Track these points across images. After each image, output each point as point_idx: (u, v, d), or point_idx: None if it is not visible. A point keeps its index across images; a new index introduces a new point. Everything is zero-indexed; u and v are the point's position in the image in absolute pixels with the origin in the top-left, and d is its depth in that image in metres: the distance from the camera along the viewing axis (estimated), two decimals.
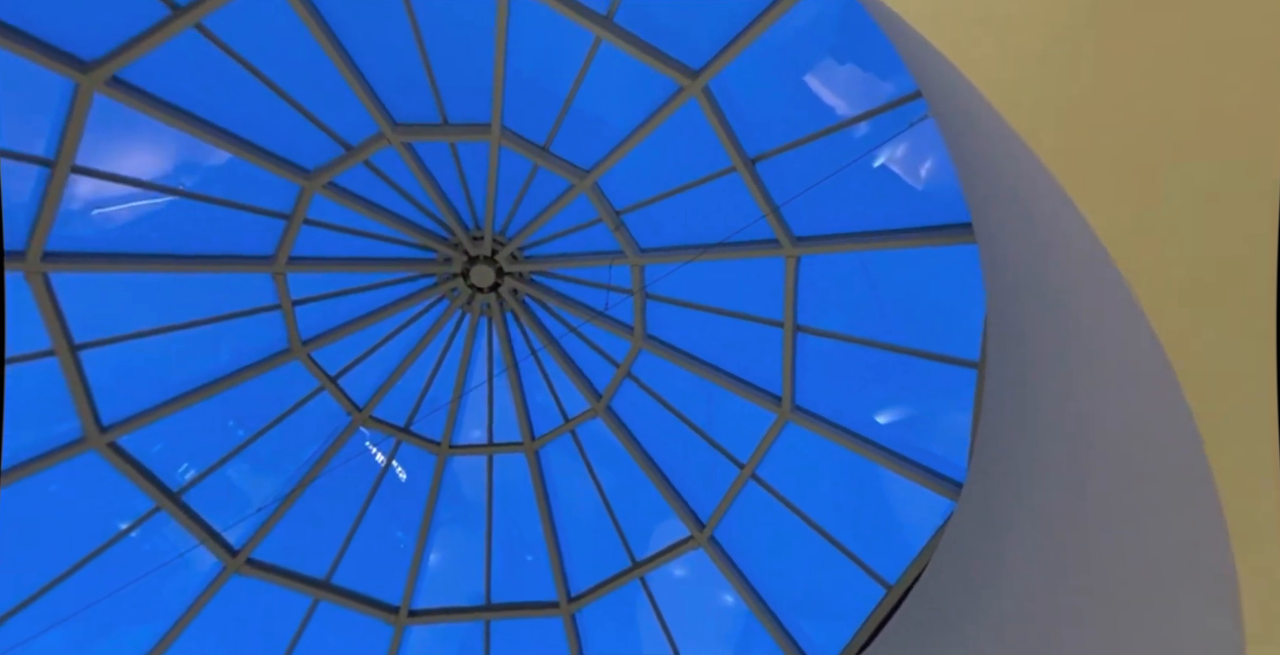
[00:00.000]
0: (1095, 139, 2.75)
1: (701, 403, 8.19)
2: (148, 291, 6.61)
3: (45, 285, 5.97)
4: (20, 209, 5.45)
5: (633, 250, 7.50)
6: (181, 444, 7.71)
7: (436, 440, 9.15)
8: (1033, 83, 2.90)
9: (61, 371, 6.44)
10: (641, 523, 9.10)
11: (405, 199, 7.41)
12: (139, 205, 5.98)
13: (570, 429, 8.97)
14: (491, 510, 9.43)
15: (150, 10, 4.97)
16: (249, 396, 7.97)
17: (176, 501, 7.72)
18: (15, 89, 5.07)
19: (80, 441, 6.91)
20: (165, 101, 5.56)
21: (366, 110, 6.31)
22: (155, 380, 7.21)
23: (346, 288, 7.85)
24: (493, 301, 8.45)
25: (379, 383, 8.76)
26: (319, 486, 8.77)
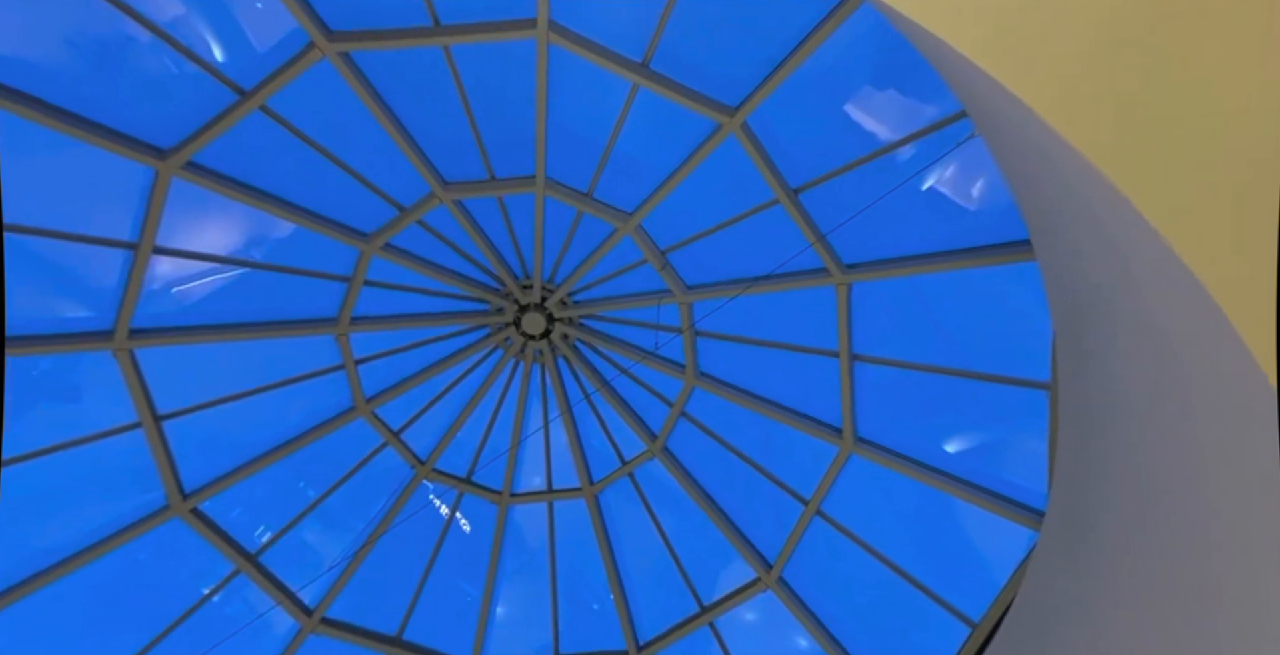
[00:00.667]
0: (1153, 144, 2.64)
1: (759, 439, 7.99)
2: (222, 359, 6.90)
3: (131, 361, 6.30)
4: (108, 292, 5.81)
5: (680, 288, 7.51)
6: (257, 506, 7.87)
7: (497, 489, 9.15)
8: (1084, 94, 2.82)
9: (147, 442, 6.72)
10: (707, 565, 8.82)
11: (457, 254, 7.64)
12: (213, 280, 6.31)
13: (628, 472, 8.85)
14: (555, 558, 9.28)
15: (219, 96, 5.36)
16: (317, 455, 8.13)
17: (254, 563, 7.84)
18: (101, 178, 5.46)
19: (165, 509, 7.13)
20: (234, 180, 5.92)
21: (418, 172, 6.58)
22: (231, 445, 7.44)
23: (405, 344, 8.05)
24: (545, 348, 8.53)
25: (439, 434, 8.86)
26: (387, 541, 8.80)
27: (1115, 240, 3.11)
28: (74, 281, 5.87)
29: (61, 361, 6.17)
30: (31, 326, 5.79)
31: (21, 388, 6.09)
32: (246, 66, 5.32)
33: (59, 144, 5.03)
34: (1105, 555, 4.08)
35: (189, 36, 5.00)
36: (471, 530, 9.08)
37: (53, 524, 6.82)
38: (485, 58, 5.55)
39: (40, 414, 6.29)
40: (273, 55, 5.30)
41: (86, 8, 4.49)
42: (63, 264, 5.70)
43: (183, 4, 4.80)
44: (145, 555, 7.20)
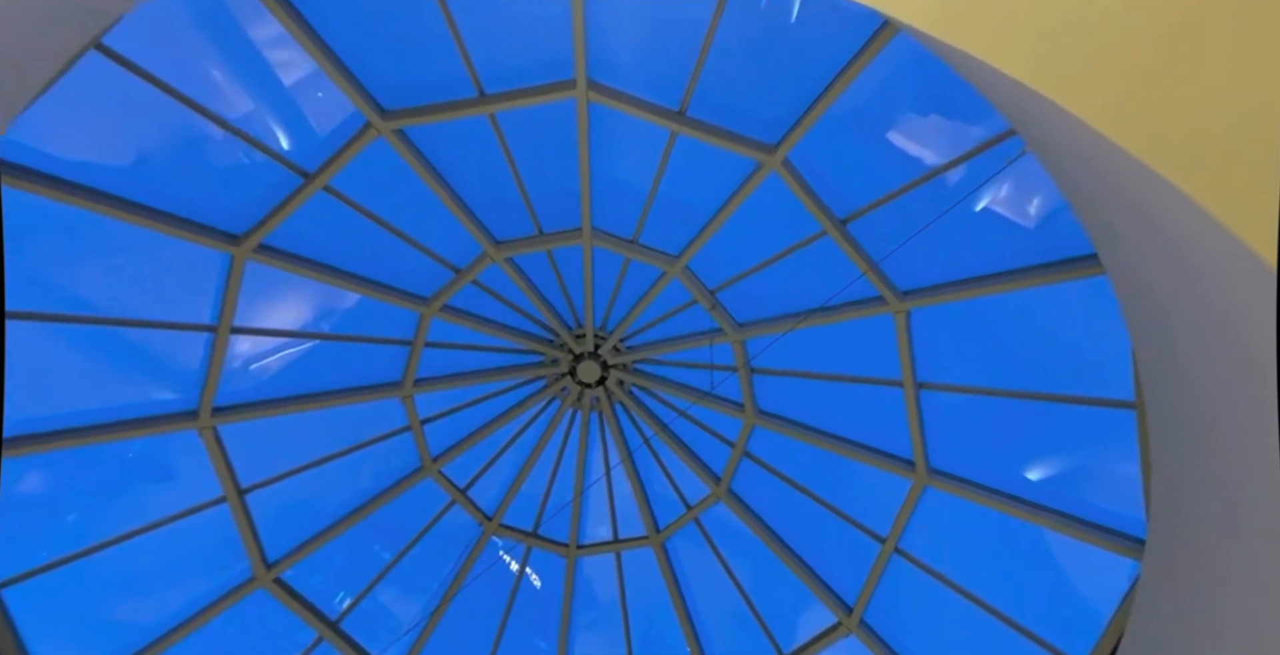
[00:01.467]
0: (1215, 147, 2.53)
1: (827, 476, 7.69)
2: (297, 428, 7.10)
3: (216, 439, 6.55)
4: (192, 373, 6.10)
5: (731, 327, 7.44)
6: (335, 572, 7.92)
7: (564, 542, 9.02)
8: (1138, 102, 2.74)
9: (232, 516, 6.90)
10: (784, 610, 8.40)
11: (511, 309, 7.79)
12: (287, 354, 6.57)
13: (694, 517, 8.62)
14: (627, 610, 9.01)
15: (286, 181, 5.70)
16: (390, 517, 8.18)
17: (336, 630, 7.84)
18: (182, 267, 5.80)
19: (251, 581, 7.24)
20: (302, 257, 6.22)
21: (470, 233, 6.79)
22: (309, 512, 7.55)
23: (466, 401, 8.16)
24: (601, 395, 8.51)
25: (504, 488, 8.85)
26: (461, 600, 8.71)
27: (1187, 246, 2.95)
28: (160, 366, 6.16)
29: (151, 444, 6.44)
30: (122, 412, 6.08)
31: (116, 472, 6.36)
32: (310, 151, 5.65)
33: (143, 237, 5.39)
34: (1215, 582, 3.72)
35: (258, 128, 5.36)
36: (542, 585, 8.93)
37: (148, 603, 6.98)
38: (528, 119, 5.77)
39: (135, 497, 6.53)
40: (333, 138, 5.63)
41: (166, 111, 4.87)
42: (150, 349, 6.01)
43: (251, 100, 5.17)
44: (234, 628, 7.29)
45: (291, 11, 4.88)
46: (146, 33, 4.35)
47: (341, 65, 5.26)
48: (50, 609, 6.10)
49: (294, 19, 4.89)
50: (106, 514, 6.36)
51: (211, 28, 4.79)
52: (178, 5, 4.50)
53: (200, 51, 4.77)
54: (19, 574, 5.73)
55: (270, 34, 4.87)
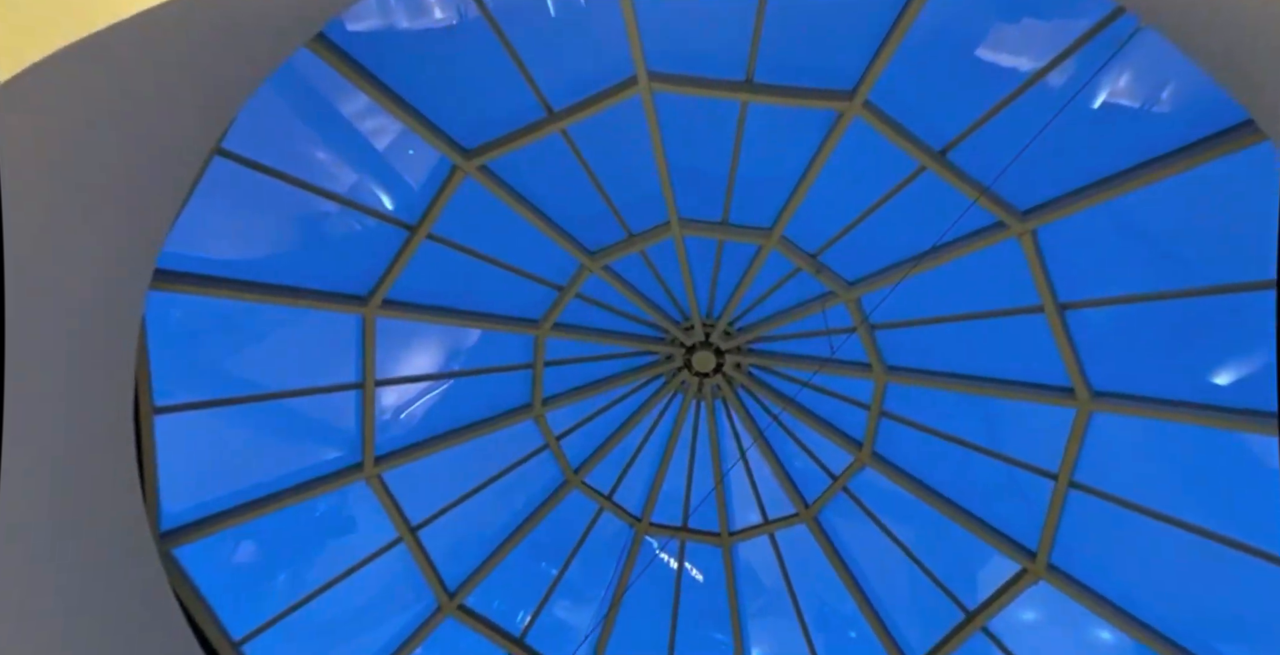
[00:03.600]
0: None
1: (978, 419, 7.34)
2: (449, 464, 7.55)
3: (382, 485, 7.08)
4: (351, 430, 6.63)
5: (842, 286, 7.24)
6: (511, 592, 8.36)
7: (716, 531, 9.09)
8: None
9: (410, 554, 7.42)
10: (959, 568, 8.06)
11: (618, 314, 7.93)
12: (429, 397, 7.00)
13: (842, 485, 8.44)
14: (793, 590, 8.95)
15: (394, 236, 6.07)
16: (548, 534, 8.55)
17: (523, 646, 8.26)
18: (321, 334, 6.28)
19: (438, 612, 7.76)
20: (422, 305, 6.60)
21: (565, 250, 6.97)
22: (476, 539, 8.03)
23: (594, 410, 8.38)
24: (722, 382, 8.52)
25: (646, 488, 9.03)
26: (630, 602, 8.96)
27: None
28: (323, 428, 6.73)
29: (331, 500, 7.03)
30: (300, 475, 6.67)
31: (309, 530, 7.00)
32: (410, 204, 5.99)
33: (287, 314, 5.89)
34: None
35: (364, 195, 5.76)
36: (704, 577, 9.03)
37: (357, 644, 7.61)
38: (599, 127, 5.85)
39: (328, 549, 7.15)
40: (427, 187, 5.94)
41: (285, 197, 5.31)
42: (311, 415, 6.57)
43: (354, 171, 5.56)
44: None
45: (371, 78, 5.20)
46: (254, 128, 4.74)
47: (421, 117, 5.54)
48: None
49: (375, 85, 5.21)
50: (309, 569, 6.99)
51: (309, 113, 5.17)
52: (275, 96, 4.88)
53: (303, 136, 5.17)
54: (253, 630, 6.37)
55: (358, 106, 5.21)
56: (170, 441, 5.58)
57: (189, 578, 5.98)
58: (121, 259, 4.53)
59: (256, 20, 3.89)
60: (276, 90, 4.88)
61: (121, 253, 4.50)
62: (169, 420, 5.57)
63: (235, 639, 6.23)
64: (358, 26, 4.87)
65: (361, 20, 4.86)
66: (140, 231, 4.51)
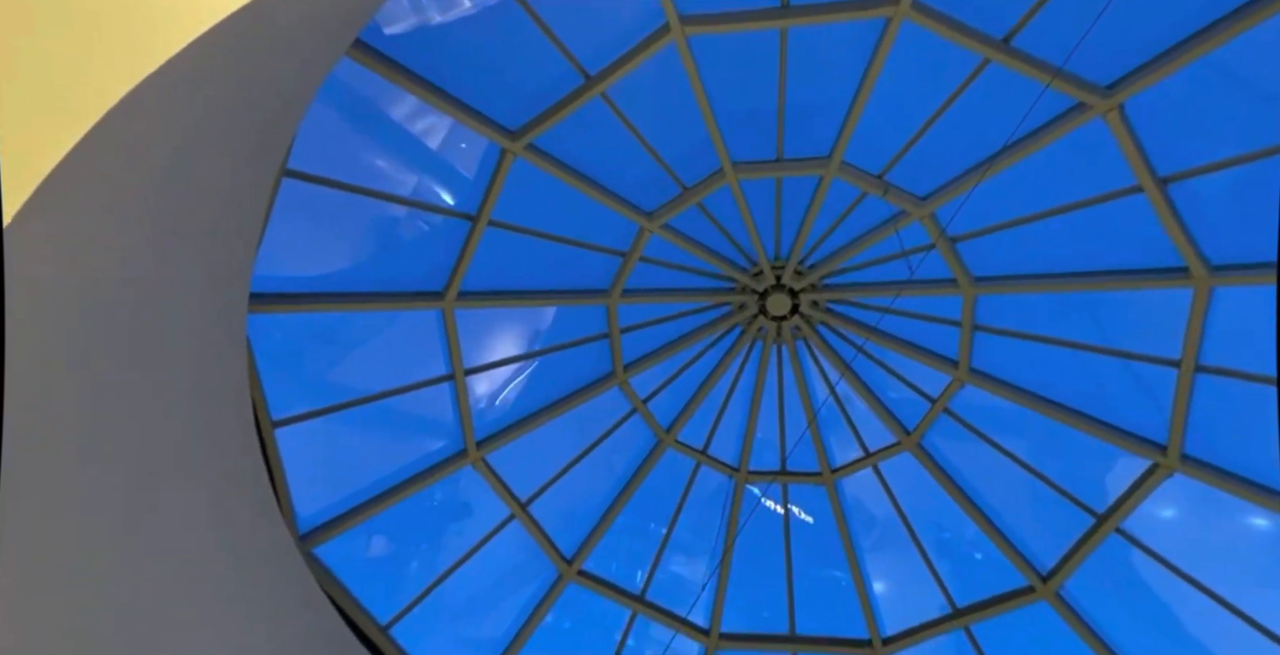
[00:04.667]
0: None
1: (1083, 318, 7.20)
2: (546, 438, 8.08)
3: (488, 467, 7.70)
4: (451, 420, 7.19)
5: (913, 203, 7.20)
6: (625, 554, 8.98)
7: (816, 471, 9.38)
8: None
9: (524, 529, 8.07)
10: (1080, 473, 8.08)
11: (685, 272, 8.14)
12: (519, 380, 7.51)
13: (943, 407, 8.51)
14: (908, 520, 9.19)
15: (459, 228, 6.45)
16: (651, 494, 9.06)
17: (645, 603, 8.90)
18: (409, 333, 6.81)
19: (559, 579, 8.43)
20: (495, 290, 7.02)
21: (623, 215, 7.19)
22: (584, 508, 8.62)
23: (678, 369, 8.72)
24: (800, 323, 8.66)
25: (740, 437, 9.37)
26: (742, 551, 9.43)
27: None
28: (426, 421, 7.36)
29: (445, 487, 7.70)
30: (412, 468, 7.32)
31: (430, 518, 7.73)
32: (469, 195, 6.34)
33: (375, 319, 6.41)
34: None
35: (426, 194, 6.14)
36: (815, 517, 9.37)
37: (491, 619, 8.40)
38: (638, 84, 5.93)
39: (451, 535, 7.87)
40: (481, 175, 6.27)
41: (355, 208, 5.73)
42: (412, 411, 7.17)
43: (414, 173, 5.93)
44: (567, 623, 8.55)
45: (413, 76, 5.50)
46: (313, 145, 5.11)
47: (465, 107, 5.83)
48: (423, 641, 7.51)
49: (417, 82, 5.51)
50: (436, 554, 7.74)
51: (362, 123, 5.53)
52: (327, 111, 5.23)
53: (361, 146, 5.54)
54: (397, 614, 7.15)
55: (406, 110, 5.53)
56: (293, 451, 6.23)
57: (333, 573, 6.73)
58: (217, 287, 5.04)
59: (297, 32, 4.17)
60: (327, 104, 5.22)
61: (217, 281, 5.00)
62: (288, 432, 6.23)
63: (382, 623, 7.02)
64: (392, 29, 5.12)
65: (394, 23, 5.11)
66: (230, 259, 4.99)
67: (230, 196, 4.66)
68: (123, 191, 3.84)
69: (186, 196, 4.39)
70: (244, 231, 4.90)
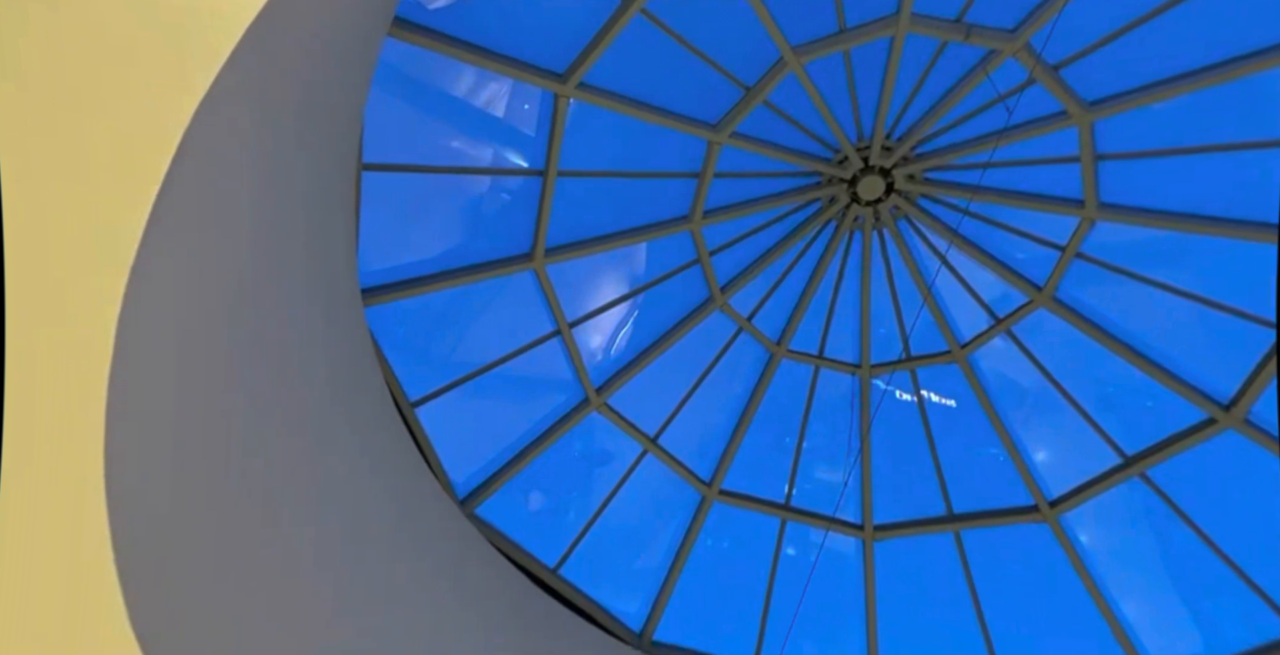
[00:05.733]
0: None
1: (1226, 119, 6.63)
2: (661, 372, 8.52)
3: (611, 410, 8.26)
4: (569, 375, 7.79)
5: (1001, 39, 6.78)
6: (763, 468, 9.45)
7: (944, 349, 9.33)
8: None
9: (660, 460, 8.67)
10: (1250, 287, 7.58)
11: (766, 177, 8.12)
12: (628, 326, 7.89)
13: (1074, 252, 8.05)
14: (1057, 381, 8.95)
15: (534, 187, 6.74)
16: (774, 409, 9.41)
17: (794, 510, 9.40)
18: (515, 297, 7.40)
19: (703, 502, 9.03)
20: (580, 241, 7.33)
21: (689, 134, 7.20)
22: (711, 432, 9.10)
23: (775, 281, 8.84)
24: (899, 202, 8.49)
25: (853, 335, 9.46)
26: (881, 447, 9.66)
27: None
28: (547, 379, 8.03)
29: (579, 436, 8.38)
30: (543, 423, 7.99)
31: (574, 467, 8.57)
32: (536, 152, 6.58)
33: (483, 289, 6.94)
34: None
35: (502, 162, 6.43)
36: (955, 399, 9.42)
37: (645, 552, 9.18)
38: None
39: (597, 479, 8.57)
40: (542, 129, 6.46)
41: (441, 191, 6.11)
42: (535, 373, 7.84)
43: (487, 144, 6.24)
44: (725, 542, 9.22)
45: (456, 41, 5.68)
46: (387, 135, 5.42)
47: (511, 59, 5.95)
48: (591, 578, 8.32)
49: (463, 47, 5.72)
50: (587, 498, 8.48)
51: (429, 105, 5.80)
52: (393, 99, 5.51)
53: (433, 130, 5.85)
54: (560, 558, 7.97)
55: (467, 84, 5.75)
56: (435, 427, 6.96)
57: (498, 529, 7.54)
58: (330, 287, 5.54)
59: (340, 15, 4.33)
60: (390, 94, 5.48)
61: (328, 281, 5.50)
62: (427, 411, 6.93)
63: (551, 566, 7.86)
64: (432, 4, 5.23)
65: None
66: (335, 258, 5.46)
67: (319, 197, 5.05)
68: (225, 206, 4.21)
69: (280, 204, 4.78)
70: (341, 229, 5.32)
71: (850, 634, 9.11)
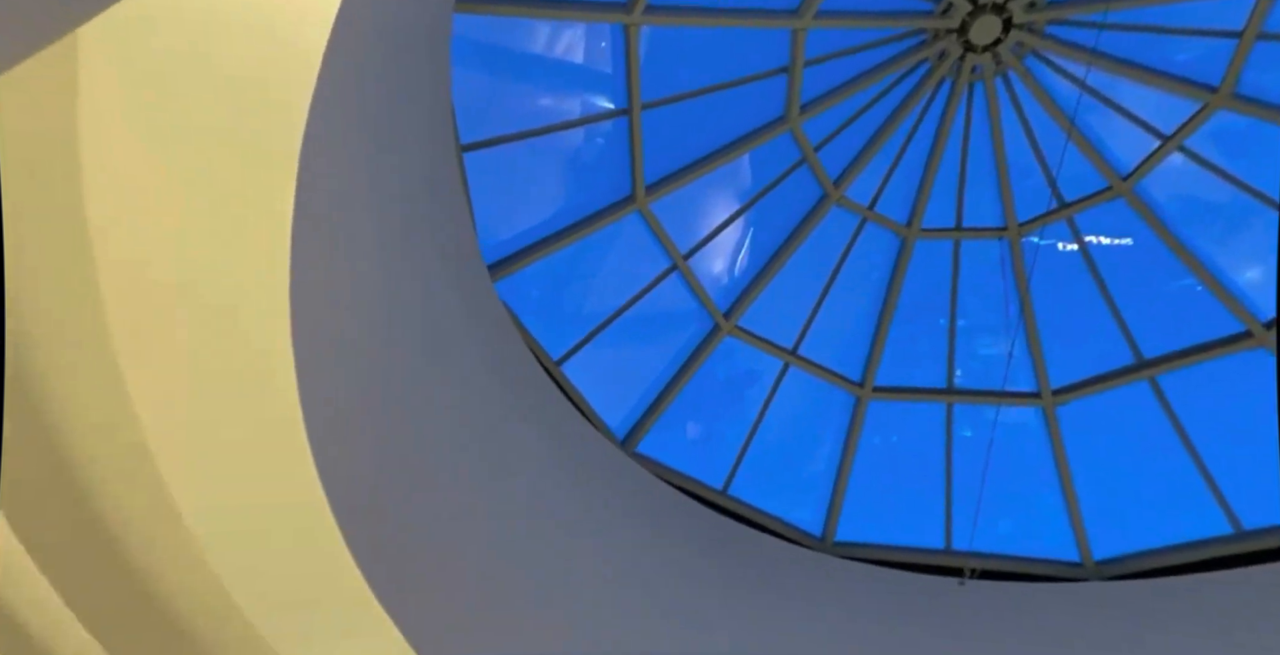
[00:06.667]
0: None
1: None
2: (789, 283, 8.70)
3: (746, 332, 8.61)
4: (695, 305, 8.17)
5: None
6: (920, 358, 9.42)
7: (1104, 186, 8.62)
8: None
9: (802, 369, 8.90)
10: None
11: (863, 50, 7.71)
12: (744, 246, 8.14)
13: (1256, 33, 7.06)
14: (1254, 188, 8.02)
15: (622, 126, 6.83)
16: (917, 294, 9.26)
17: (958, 392, 9.31)
18: (625, 243, 7.65)
19: (859, 403, 9.18)
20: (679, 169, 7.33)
21: (769, 28, 6.94)
22: (853, 331, 9.15)
23: (894, 160, 8.51)
24: (1021, 38, 7.82)
25: (992, 197, 9.01)
26: (1045, 306, 9.20)
27: None
28: (678, 312, 8.39)
29: (720, 362, 8.83)
30: (681, 356, 8.43)
31: (724, 392, 9.05)
32: (618, 89, 6.74)
33: (591, 241, 7.28)
34: None
35: (590, 108, 6.60)
36: (1130, 236, 8.79)
37: (808, 462, 9.59)
38: None
39: (748, 400, 9.10)
40: (616, 62, 6.50)
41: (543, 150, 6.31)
42: (664, 308, 8.26)
43: (574, 93, 6.55)
44: (895, 437, 9.42)
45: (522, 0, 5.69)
46: (476, 110, 5.68)
47: (577, 2, 5.90)
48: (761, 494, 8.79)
49: (527, 4, 5.71)
50: (743, 420, 8.91)
51: (508, 70, 5.99)
52: (473, 73, 5.73)
53: (521, 91, 6.06)
54: (725, 480, 8.47)
55: (540, 40, 5.89)
56: (583, 380, 7.51)
57: (662, 463, 8.14)
58: (460, 271, 5.98)
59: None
60: (465, 68, 5.66)
61: (458, 267, 5.94)
62: (571, 366, 7.45)
63: (719, 488, 8.37)
64: None
65: None
66: (458, 244, 5.88)
67: (430, 188, 5.40)
68: (349, 211, 4.61)
69: (397, 203, 5.17)
70: (457, 215, 5.71)
71: (1048, 504, 9.07)
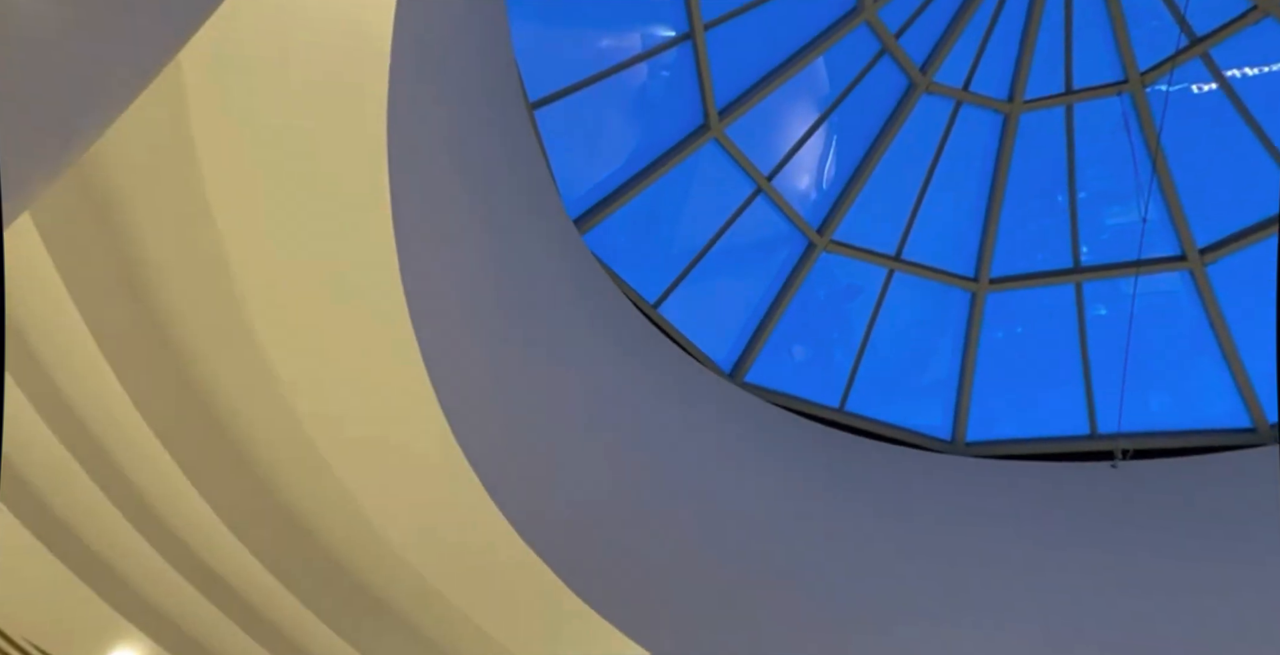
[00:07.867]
0: None
1: None
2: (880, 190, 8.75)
3: (841, 245, 8.76)
4: (786, 226, 8.35)
5: None
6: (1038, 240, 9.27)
7: (1245, 8, 7.96)
8: None
9: (912, 275, 8.97)
10: None
11: None
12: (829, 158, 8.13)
13: None
14: None
15: (688, 56, 6.89)
16: (1026, 175, 9.01)
17: (1086, 269, 9.05)
18: (701, 174, 7.73)
19: (975, 297, 9.14)
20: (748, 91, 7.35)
21: None
22: (960, 226, 9.06)
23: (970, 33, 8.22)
24: None
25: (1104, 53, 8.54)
26: (1181, 159, 8.70)
27: None
28: (769, 238, 8.59)
29: (819, 281, 9.03)
30: (778, 281, 8.60)
31: (827, 311, 9.33)
32: (678, 14, 6.82)
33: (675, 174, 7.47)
34: None
35: (651, 40, 6.86)
36: None
37: (928, 369, 9.73)
38: None
39: (853, 315, 9.29)
40: None
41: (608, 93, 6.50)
42: (753, 236, 8.44)
43: (633, 28, 6.68)
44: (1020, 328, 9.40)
45: None
46: (539, 64, 5.88)
47: None
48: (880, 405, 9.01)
49: None
50: (850, 336, 9.09)
51: (563, 18, 6.14)
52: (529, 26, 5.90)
53: (578, 37, 6.19)
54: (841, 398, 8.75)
55: None
56: (681, 319, 7.87)
57: (775, 390, 8.49)
58: (549, 230, 6.31)
59: None
60: (522, 22, 5.84)
61: (546, 226, 6.27)
62: (668, 307, 7.82)
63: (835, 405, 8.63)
64: None
65: None
66: (542, 203, 6.19)
67: (508, 150, 5.68)
68: (439, 183, 4.95)
69: (478, 161, 5.47)
70: (537, 173, 6.00)
71: (1206, 373, 8.82)
